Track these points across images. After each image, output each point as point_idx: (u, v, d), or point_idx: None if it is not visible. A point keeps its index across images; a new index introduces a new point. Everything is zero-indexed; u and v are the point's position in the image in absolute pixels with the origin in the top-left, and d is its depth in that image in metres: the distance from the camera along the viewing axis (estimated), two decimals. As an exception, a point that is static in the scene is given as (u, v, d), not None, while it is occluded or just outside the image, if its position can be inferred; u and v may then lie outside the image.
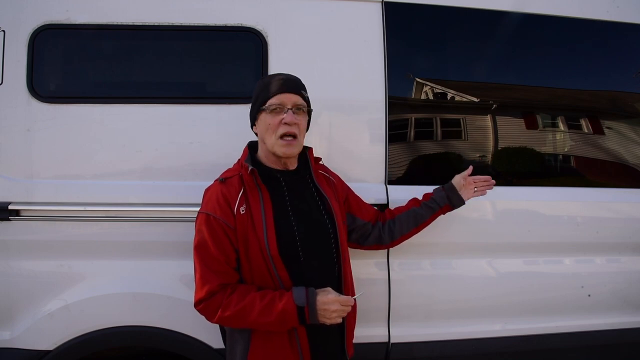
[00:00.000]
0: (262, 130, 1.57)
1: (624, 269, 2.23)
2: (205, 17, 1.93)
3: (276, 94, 1.53)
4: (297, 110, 1.55)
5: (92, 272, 1.88)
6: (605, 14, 2.22)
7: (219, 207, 1.50)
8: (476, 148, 2.15)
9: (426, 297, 2.05)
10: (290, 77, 1.59)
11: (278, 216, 1.54)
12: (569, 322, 2.17)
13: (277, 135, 1.53)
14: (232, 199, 1.52)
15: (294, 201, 1.59)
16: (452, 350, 2.07)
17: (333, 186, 1.75)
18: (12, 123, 1.84)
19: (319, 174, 1.73)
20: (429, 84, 2.14)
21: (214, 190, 1.56)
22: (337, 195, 1.73)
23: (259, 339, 1.53)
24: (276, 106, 1.53)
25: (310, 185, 1.66)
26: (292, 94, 1.54)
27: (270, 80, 1.58)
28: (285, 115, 1.52)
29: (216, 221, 1.49)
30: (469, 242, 2.08)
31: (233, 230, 1.50)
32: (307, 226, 1.57)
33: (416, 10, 2.05)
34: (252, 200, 1.53)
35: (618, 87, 2.33)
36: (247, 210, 1.52)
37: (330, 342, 1.63)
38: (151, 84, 1.97)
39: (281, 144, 1.53)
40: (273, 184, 1.58)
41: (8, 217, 1.81)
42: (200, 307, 1.51)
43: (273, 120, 1.53)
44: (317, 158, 1.77)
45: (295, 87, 1.57)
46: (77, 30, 1.88)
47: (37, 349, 1.85)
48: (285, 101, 1.53)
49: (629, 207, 2.22)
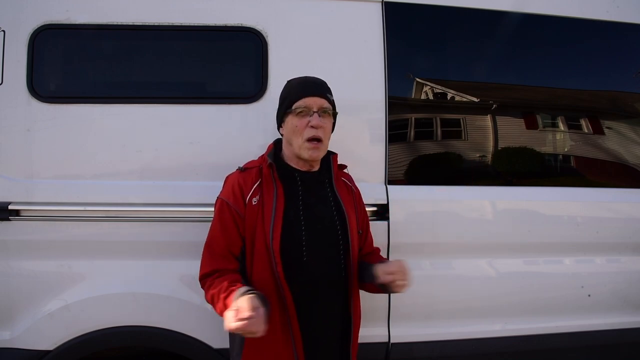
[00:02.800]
0: (289, 132, 1.60)
1: (624, 269, 2.23)
2: (205, 17, 1.92)
3: (302, 96, 1.57)
4: (322, 113, 1.57)
5: (92, 272, 1.87)
6: (605, 14, 2.22)
7: (232, 194, 1.57)
8: (476, 148, 2.15)
9: (426, 297, 2.05)
10: (316, 80, 1.62)
11: (288, 213, 1.55)
12: (569, 322, 2.17)
13: (304, 138, 1.56)
14: (247, 188, 1.57)
15: (307, 201, 1.59)
16: (452, 350, 2.07)
17: (353, 196, 1.75)
18: (12, 123, 1.84)
19: (340, 180, 1.74)
20: (429, 84, 2.14)
21: (232, 178, 1.62)
22: (356, 206, 1.73)
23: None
24: (302, 109, 1.56)
25: (328, 189, 1.67)
26: (318, 97, 1.57)
27: (296, 83, 1.62)
28: (311, 118, 1.55)
29: (228, 207, 1.56)
30: (469, 242, 2.08)
31: (242, 219, 1.55)
32: (316, 228, 1.57)
33: (416, 10, 2.05)
34: (266, 193, 1.57)
35: (618, 87, 2.33)
36: (260, 202, 1.56)
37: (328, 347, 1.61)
38: (151, 84, 1.97)
39: (307, 147, 1.57)
40: (289, 182, 1.61)
41: (8, 217, 1.81)
42: (201, 285, 1.59)
43: (300, 122, 1.56)
44: (342, 165, 1.78)
45: (321, 90, 1.60)
46: (77, 30, 1.88)
47: (37, 349, 1.85)
48: (311, 104, 1.56)
49: (629, 207, 2.23)
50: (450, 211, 2.06)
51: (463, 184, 2.14)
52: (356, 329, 1.66)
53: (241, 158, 1.81)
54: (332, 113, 1.63)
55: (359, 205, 1.76)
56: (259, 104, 1.93)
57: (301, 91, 1.58)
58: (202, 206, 1.86)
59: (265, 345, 1.52)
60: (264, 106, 1.92)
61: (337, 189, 1.68)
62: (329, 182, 1.68)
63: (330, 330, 1.61)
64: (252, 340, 1.53)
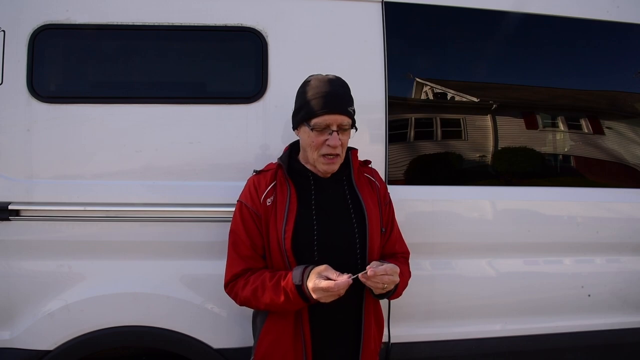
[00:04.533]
0: (305, 143, 1.58)
1: (624, 269, 2.23)
2: (205, 17, 1.92)
3: (322, 114, 1.49)
4: (342, 130, 1.52)
5: (92, 272, 1.87)
6: (605, 14, 2.22)
7: (250, 196, 1.60)
8: (476, 148, 2.15)
9: (426, 297, 2.05)
10: (338, 93, 1.53)
11: (301, 213, 1.55)
12: (569, 322, 2.17)
13: (320, 153, 1.54)
14: (261, 189, 1.59)
15: (320, 201, 1.58)
16: (452, 351, 2.07)
17: (377, 191, 1.70)
18: (12, 123, 1.84)
19: (363, 176, 1.70)
20: (429, 84, 2.14)
21: (249, 180, 1.65)
22: (380, 202, 1.68)
23: (270, 322, 1.56)
24: (321, 128, 1.51)
25: (346, 186, 1.63)
26: (338, 115, 1.50)
27: (317, 94, 1.51)
28: (330, 137, 1.50)
29: (247, 209, 1.58)
30: (469, 242, 2.08)
31: (260, 219, 1.57)
32: (329, 228, 1.55)
33: (416, 10, 2.05)
34: (280, 194, 1.57)
35: (618, 87, 2.33)
36: (273, 202, 1.57)
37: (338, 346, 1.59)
38: (151, 84, 1.97)
39: (323, 162, 1.55)
40: (302, 182, 1.60)
41: (8, 217, 1.81)
42: (227, 290, 1.60)
43: (317, 139, 1.52)
44: (367, 161, 1.76)
45: (341, 107, 1.51)
46: (77, 30, 1.88)
47: (37, 349, 1.85)
48: (331, 122, 1.50)
49: (629, 207, 2.22)
50: (450, 211, 2.06)
51: (463, 184, 2.14)
52: (368, 331, 1.59)
53: (241, 158, 1.81)
54: (352, 124, 1.56)
55: (383, 200, 1.70)
56: (259, 103, 1.93)
57: (322, 107, 1.49)
58: (203, 206, 1.86)
59: (275, 342, 1.54)
60: (264, 106, 1.92)
61: (358, 185, 1.64)
62: (347, 179, 1.65)
63: (341, 333, 1.58)
64: (265, 335, 1.57)
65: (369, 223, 1.58)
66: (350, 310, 1.58)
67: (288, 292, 1.44)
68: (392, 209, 1.76)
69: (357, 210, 1.60)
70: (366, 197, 1.63)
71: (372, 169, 1.78)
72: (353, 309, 1.58)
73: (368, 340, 1.59)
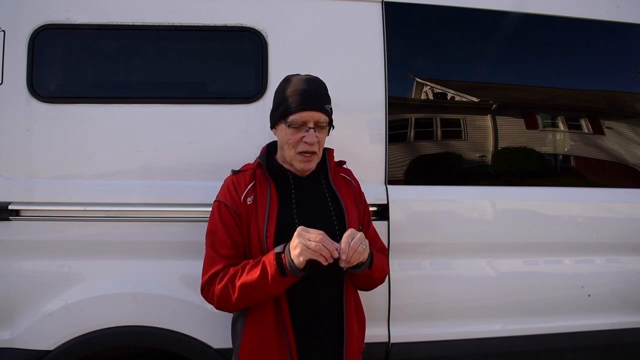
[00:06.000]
0: (282, 140, 1.58)
1: (624, 269, 2.23)
2: (205, 17, 1.92)
3: (298, 110, 1.49)
4: (319, 128, 1.53)
5: (92, 272, 1.87)
6: (605, 14, 2.22)
7: (229, 195, 1.57)
8: (476, 148, 2.15)
9: (426, 297, 2.05)
10: (316, 90, 1.54)
11: (281, 212, 1.55)
12: (569, 322, 2.17)
13: (297, 150, 1.54)
14: (241, 189, 1.58)
15: (300, 200, 1.59)
16: (452, 350, 2.07)
17: (353, 190, 1.72)
18: (12, 123, 1.84)
19: (339, 175, 1.71)
20: (429, 84, 2.14)
21: (227, 180, 1.63)
22: (357, 200, 1.70)
23: (251, 325, 1.54)
24: (298, 124, 1.51)
25: (324, 185, 1.65)
26: (315, 112, 1.50)
27: (294, 91, 1.52)
28: (307, 134, 1.50)
29: (226, 208, 1.55)
30: (469, 242, 2.08)
31: (240, 217, 1.55)
32: (311, 226, 1.52)
33: (416, 10, 2.05)
34: (260, 193, 1.57)
35: (618, 87, 2.33)
36: (254, 202, 1.56)
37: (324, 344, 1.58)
38: (151, 84, 1.97)
39: (300, 159, 1.55)
40: (282, 181, 1.60)
41: (8, 217, 1.81)
42: (204, 293, 1.55)
43: (293, 136, 1.52)
44: (341, 162, 1.77)
45: (318, 104, 1.51)
46: (77, 30, 1.88)
47: (37, 349, 1.85)
48: (307, 119, 1.50)
49: (629, 207, 2.23)
50: (450, 211, 2.06)
51: (463, 184, 2.14)
52: (350, 330, 1.58)
53: (241, 158, 1.81)
54: (329, 122, 1.56)
55: (359, 198, 1.73)
56: (259, 103, 1.93)
57: (299, 103, 1.49)
58: (202, 206, 1.86)
59: (259, 345, 1.52)
60: (264, 106, 1.92)
61: (335, 184, 1.65)
62: (324, 177, 1.66)
63: (325, 331, 1.57)
64: (247, 339, 1.54)
65: (348, 221, 1.59)
66: (331, 306, 1.57)
67: (266, 264, 1.41)
68: (368, 207, 1.78)
69: (336, 208, 1.61)
70: (344, 196, 1.64)
71: (347, 169, 1.79)
72: (334, 305, 1.57)
73: (351, 339, 1.57)
